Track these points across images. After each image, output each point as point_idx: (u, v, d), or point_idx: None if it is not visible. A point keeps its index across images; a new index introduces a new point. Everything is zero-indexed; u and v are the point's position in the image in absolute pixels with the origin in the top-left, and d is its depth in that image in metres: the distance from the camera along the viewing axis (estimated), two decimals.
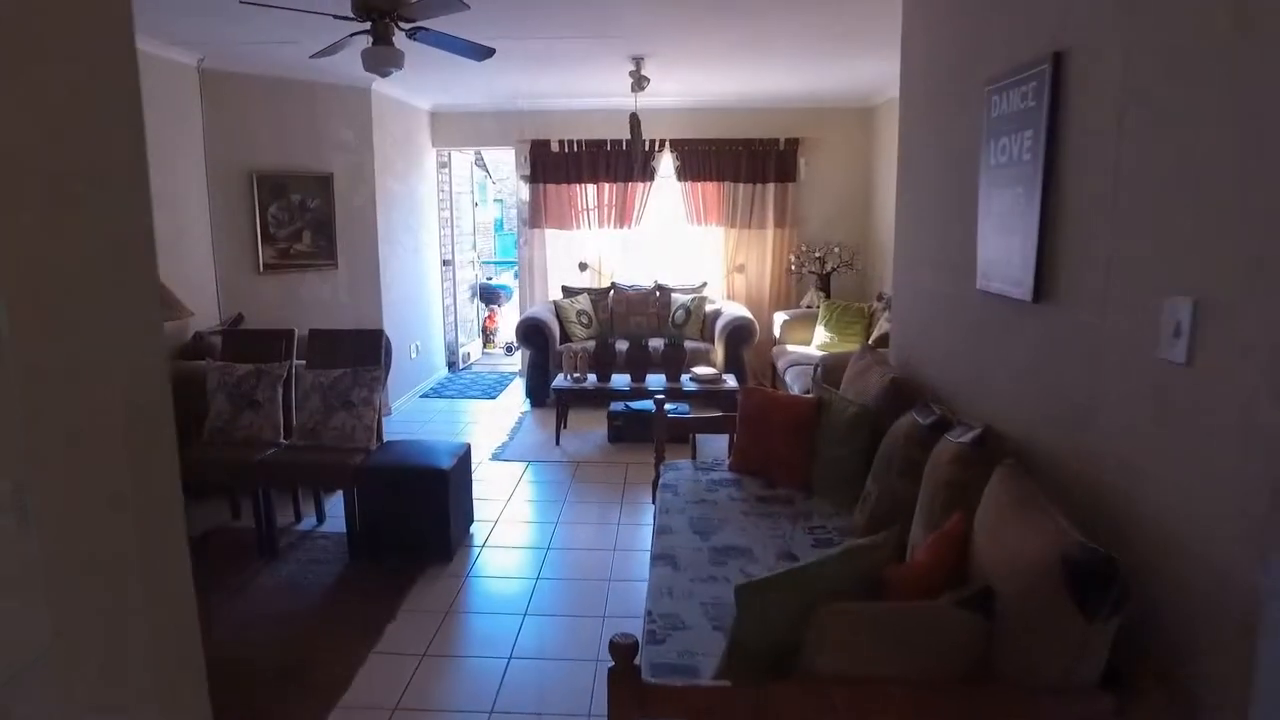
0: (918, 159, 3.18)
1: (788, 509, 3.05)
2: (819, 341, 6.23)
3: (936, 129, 2.93)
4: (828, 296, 6.76)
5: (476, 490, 4.52)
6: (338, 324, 5.64)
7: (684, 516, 2.99)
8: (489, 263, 10.08)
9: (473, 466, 4.95)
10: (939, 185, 2.90)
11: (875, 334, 5.60)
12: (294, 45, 4.49)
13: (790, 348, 6.37)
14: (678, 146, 7.02)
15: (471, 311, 8.61)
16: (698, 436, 4.72)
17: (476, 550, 3.84)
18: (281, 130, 5.45)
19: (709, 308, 6.79)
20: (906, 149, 3.34)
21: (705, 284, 7.07)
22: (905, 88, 3.34)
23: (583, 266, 7.37)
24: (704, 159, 7.04)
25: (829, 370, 4.66)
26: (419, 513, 3.63)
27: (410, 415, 6.31)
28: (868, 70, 5.62)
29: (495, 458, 5.26)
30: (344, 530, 3.77)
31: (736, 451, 3.50)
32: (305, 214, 5.61)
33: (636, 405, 5.62)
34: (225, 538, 3.96)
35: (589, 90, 6.47)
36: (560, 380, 5.62)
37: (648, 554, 3.76)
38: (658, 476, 3.60)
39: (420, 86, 6.26)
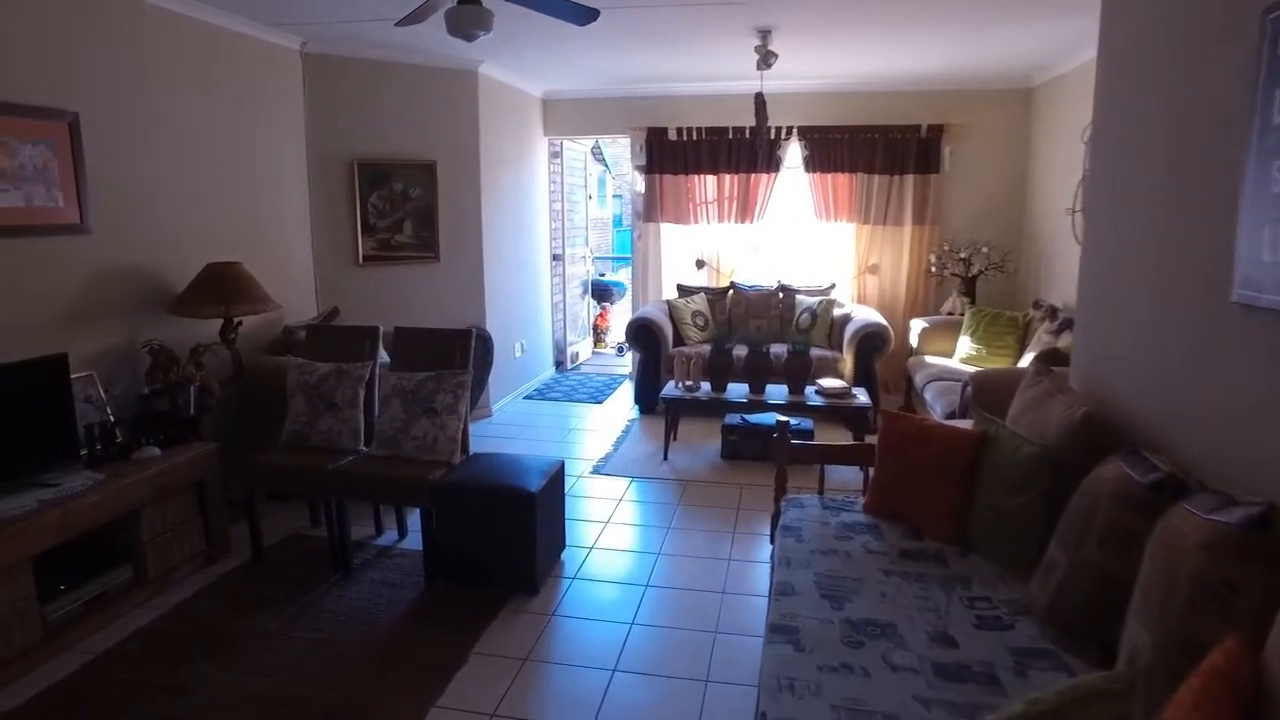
0: (1124, 130, 2.49)
1: (939, 569, 2.44)
2: (963, 354, 5.48)
3: (1161, 87, 2.23)
4: (973, 302, 5.98)
5: (573, 509, 4.11)
6: (438, 319, 5.38)
7: (809, 572, 2.43)
8: (602, 259, 9.73)
9: (572, 481, 4.58)
10: (1161, 162, 2.21)
11: (1034, 349, 4.81)
12: (389, 23, 4.18)
13: (929, 359, 5.64)
14: (806, 134, 6.39)
15: (582, 309, 8.27)
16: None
17: (566, 583, 3.40)
18: (384, 116, 5.21)
19: (837, 312, 6.13)
20: (1106, 118, 2.65)
21: (833, 286, 6.41)
22: (1108, 38, 2.63)
23: (699, 264, 6.85)
24: (835, 148, 6.38)
25: (982, 390, 3.97)
26: (502, 539, 3.23)
27: (511, 418, 5.98)
28: (1031, 42, 4.83)
29: (597, 471, 4.83)
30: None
31: (874, 489, 2.90)
32: (407, 204, 5.35)
33: (754, 418, 5.07)
34: (299, 547, 3.69)
35: (710, 72, 5.95)
36: (670, 388, 5.13)
37: (762, 600, 3.23)
38: (777, 514, 3.05)
39: (530, 70, 5.91)
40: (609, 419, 6.00)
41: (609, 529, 3.98)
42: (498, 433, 5.60)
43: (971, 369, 4.90)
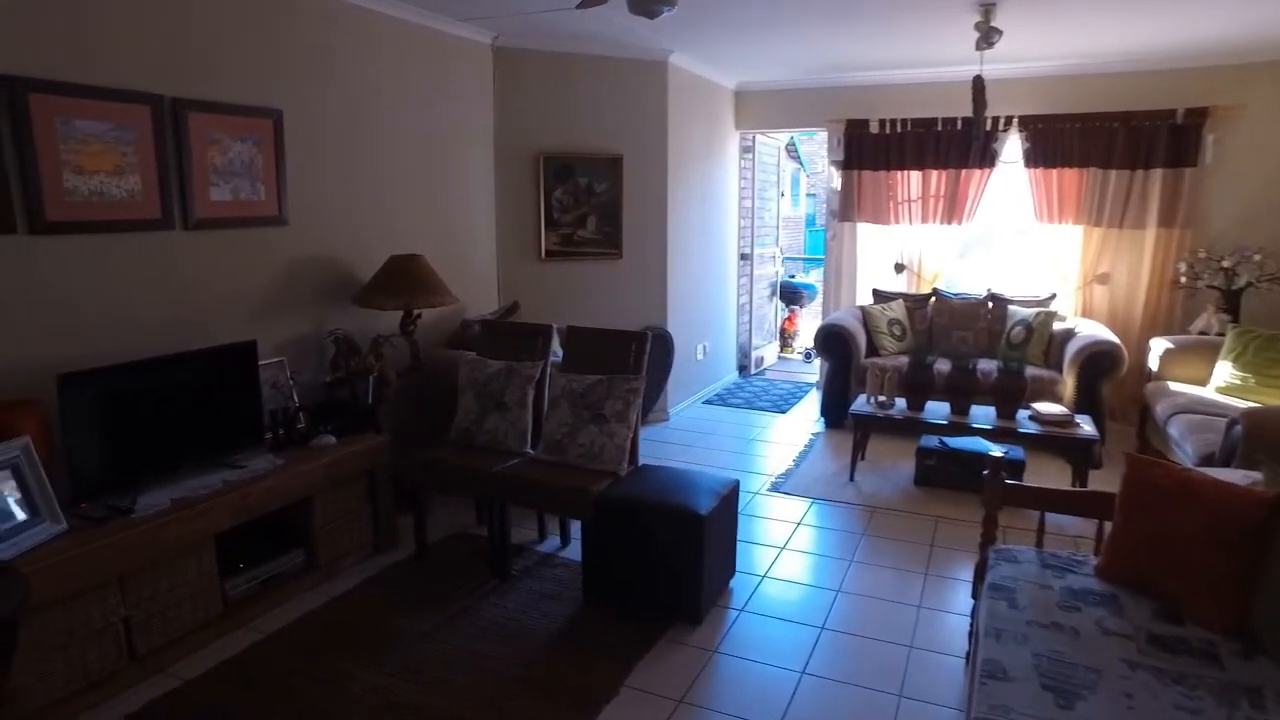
0: None
1: (1210, 670, 1.90)
2: (1222, 382, 4.57)
3: None
4: (1234, 320, 5.01)
5: (746, 531, 3.82)
6: (618, 318, 5.27)
7: (1025, 651, 1.98)
8: (793, 259, 9.27)
9: (747, 498, 4.28)
10: None
11: None
12: (579, 13, 4.05)
13: (1175, 387, 4.76)
14: (1028, 124, 5.64)
15: (770, 311, 7.90)
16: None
17: (733, 615, 3.09)
18: (572, 109, 5.12)
19: (1057, 326, 5.36)
20: None
21: (1053, 296, 5.63)
22: None
23: (899, 268, 6.27)
24: (1062, 139, 5.58)
25: (1260, 432, 3.23)
26: (666, 562, 2.98)
27: (689, 423, 5.74)
28: None
29: (775, 489, 4.47)
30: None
31: (1113, 549, 2.37)
32: (591, 198, 5.25)
33: (955, 442, 4.50)
34: (463, 547, 3.63)
35: (919, 57, 5.39)
36: (861, 403, 4.67)
37: (956, 662, 2.76)
38: (983, 564, 2.58)
39: (722, 60, 5.63)
40: (792, 431, 5.61)
41: (784, 556, 3.62)
42: (674, 439, 5.39)
43: (1238, 403, 4.07)
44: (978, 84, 4.32)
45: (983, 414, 4.44)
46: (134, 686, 2.60)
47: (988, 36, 4.25)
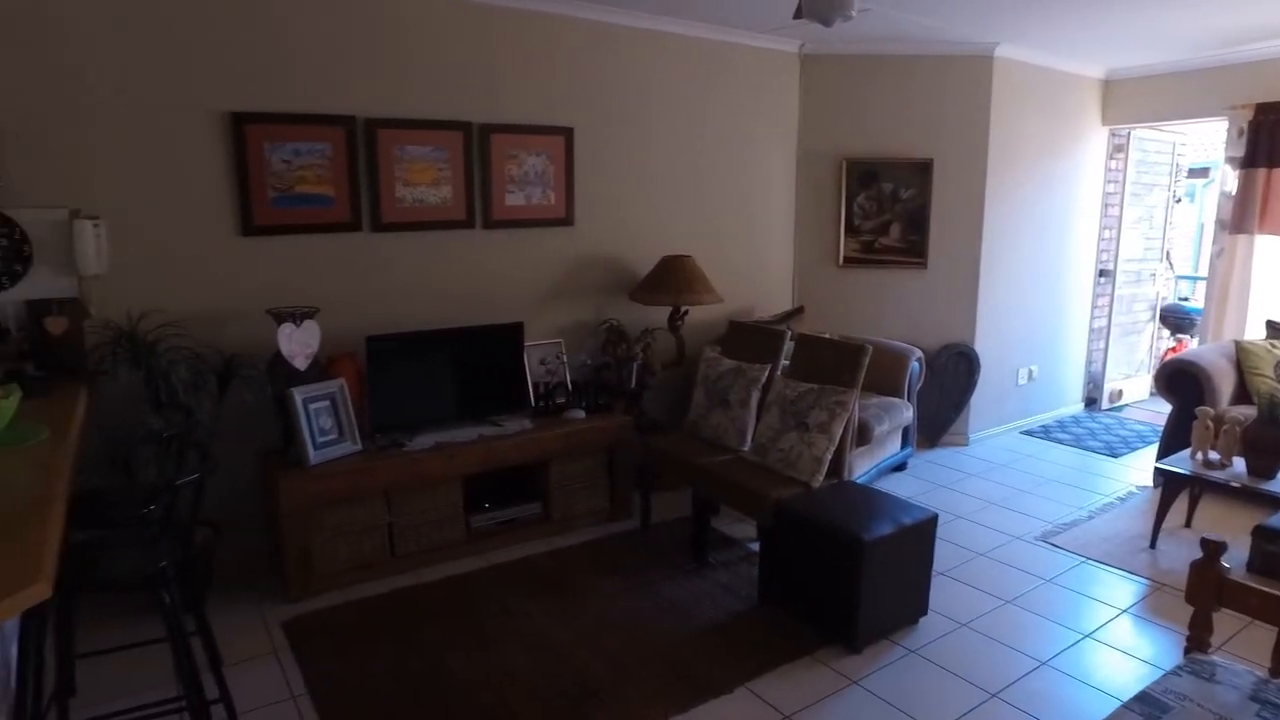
0: None
1: None
2: None
3: None
4: None
5: (979, 574, 3.53)
6: (916, 331, 5.09)
7: None
8: (1186, 278, 7.57)
9: (1003, 540, 3.89)
10: None
11: None
12: (888, 14, 3.96)
13: None
14: None
15: (1144, 338, 6.66)
16: None
17: (901, 653, 2.90)
18: (878, 112, 4.95)
19: None
20: None
21: None
22: None
23: None
24: None
25: None
26: (827, 582, 2.92)
27: (989, 452, 5.21)
28: None
29: (1044, 538, 3.92)
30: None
31: None
32: (895, 205, 5.04)
33: None
34: (683, 531, 3.86)
35: None
36: (1180, 457, 3.85)
37: None
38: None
39: (1075, 46, 4.92)
40: (1112, 479, 4.78)
41: (1002, 610, 3.22)
42: (959, 464, 4.96)
43: None
44: None
45: None
46: (389, 576, 3.39)
47: None
